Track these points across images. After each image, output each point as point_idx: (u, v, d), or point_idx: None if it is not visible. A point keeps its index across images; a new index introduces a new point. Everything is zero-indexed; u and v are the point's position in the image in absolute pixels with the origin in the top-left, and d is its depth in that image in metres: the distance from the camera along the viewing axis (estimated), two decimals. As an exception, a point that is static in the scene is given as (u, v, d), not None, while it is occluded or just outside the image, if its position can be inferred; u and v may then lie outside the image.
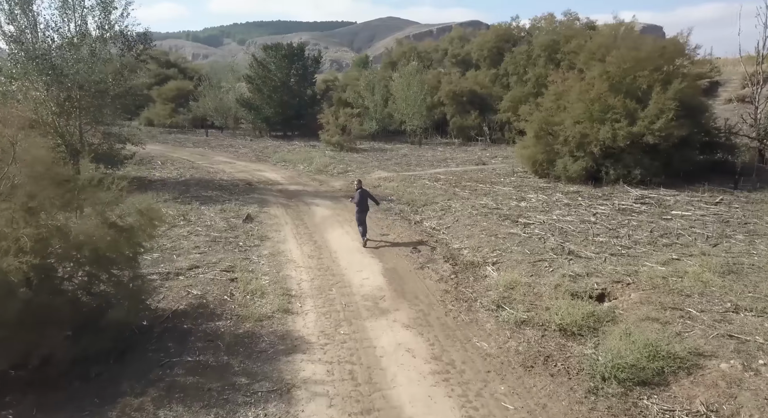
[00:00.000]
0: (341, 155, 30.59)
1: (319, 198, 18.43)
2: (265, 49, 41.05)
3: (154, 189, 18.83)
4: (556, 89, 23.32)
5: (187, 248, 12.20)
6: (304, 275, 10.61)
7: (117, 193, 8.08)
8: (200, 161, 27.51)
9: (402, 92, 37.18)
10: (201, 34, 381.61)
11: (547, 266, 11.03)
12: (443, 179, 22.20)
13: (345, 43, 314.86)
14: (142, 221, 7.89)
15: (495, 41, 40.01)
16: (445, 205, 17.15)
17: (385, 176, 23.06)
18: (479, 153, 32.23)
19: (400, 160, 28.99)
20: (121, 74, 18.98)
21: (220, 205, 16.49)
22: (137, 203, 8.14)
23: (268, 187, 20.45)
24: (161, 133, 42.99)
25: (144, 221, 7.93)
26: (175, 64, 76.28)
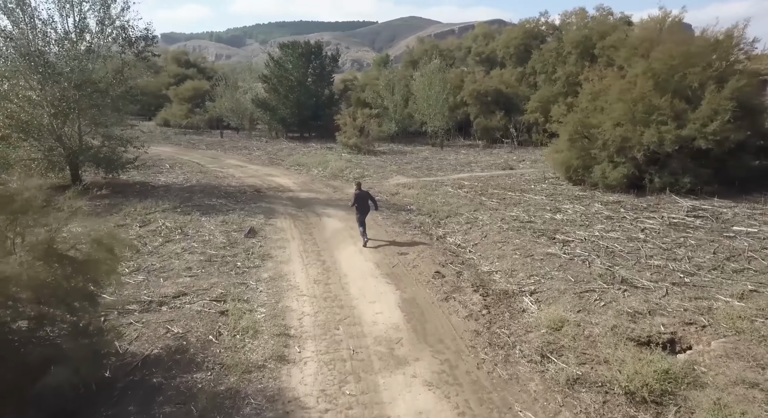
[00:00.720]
0: (358, 158, 28.98)
1: (332, 208, 16.83)
2: (282, 48, 39.70)
3: (154, 196, 17.48)
4: (592, 88, 21.31)
5: (177, 268, 10.69)
6: (308, 306, 8.99)
7: (68, 216, 6.51)
8: (210, 165, 26.20)
9: (423, 92, 35.43)
10: (224, 34, 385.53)
11: (596, 298, 9.20)
12: (468, 186, 20.41)
13: (366, 43, 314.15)
14: (98, 253, 6.33)
15: (522, 38, 37.98)
16: (470, 217, 15.38)
17: (405, 182, 21.36)
18: (505, 156, 30.30)
19: (421, 164, 27.25)
20: (121, 73, 17.69)
21: (223, 216, 15.01)
22: (94, 230, 6.57)
23: (278, 195, 18.93)
24: (175, 134, 42.02)
25: (101, 253, 6.37)
26: (195, 64, 75.92)
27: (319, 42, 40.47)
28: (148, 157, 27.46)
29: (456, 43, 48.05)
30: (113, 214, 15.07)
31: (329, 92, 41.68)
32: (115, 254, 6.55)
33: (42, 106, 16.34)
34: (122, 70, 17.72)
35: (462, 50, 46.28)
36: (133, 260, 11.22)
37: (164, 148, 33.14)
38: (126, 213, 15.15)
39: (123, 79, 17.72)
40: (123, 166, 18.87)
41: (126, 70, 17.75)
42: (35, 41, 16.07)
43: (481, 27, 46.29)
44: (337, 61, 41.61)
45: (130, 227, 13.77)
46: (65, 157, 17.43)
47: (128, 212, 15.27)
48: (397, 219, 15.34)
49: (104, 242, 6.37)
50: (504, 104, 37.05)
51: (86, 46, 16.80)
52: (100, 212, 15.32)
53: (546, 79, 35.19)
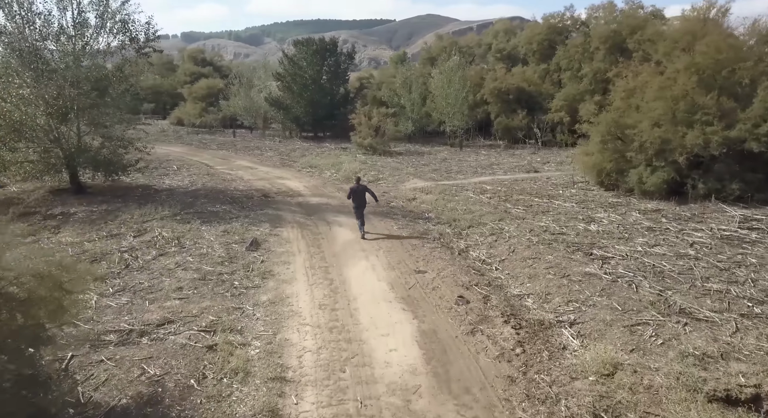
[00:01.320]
0: (373, 160, 27.67)
1: (344, 215, 15.54)
2: (296, 45, 38.55)
3: (155, 202, 16.38)
4: (626, 85, 19.67)
5: (167, 289, 9.50)
6: (310, 339, 7.70)
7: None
8: (219, 166, 25.14)
9: (442, 90, 33.96)
10: (243, 33, 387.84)
11: (652, 333, 7.74)
12: (490, 191, 18.95)
13: (384, 42, 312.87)
14: (42, 290, 5.08)
15: (546, 34, 36.24)
16: (495, 227, 13.95)
17: (422, 186, 19.98)
18: (528, 158, 28.71)
19: (439, 165, 25.83)
20: (121, 70, 16.64)
21: (225, 225, 13.83)
22: (39, 261, 5.31)
23: (287, 200, 17.72)
24: (188, 134, 41.21)
25: (46, 290, 5.12)
26: (211, 63, 75.44)
27: (334, 38, 39.22)
28: (156, 158, 26.56)
29: (476, 40, 46.40)
30: (108, 221, 13.99)
31: (344, 91, 40.44)
32: (66, 290, 5.30)
33: (37, 105, 15.35)
34: (122, 67, 16.66)
35: (482, 47, 44.62)
36: (119, 278, 10.07)
37: (174, 148, 32.26)
38: (122, 221, 14.06)
39: (123, 76, 16.66)
40: (124, 168, 17.83)
41: (127, 67, 16.68)
42: (30, 36, 15.07)
43: (501, 23, 44.60)
44: (353, 59, 40.36)
45: (123, 238, 12.66)
46: (62, 159, 16.43)
47: (124, 219, 14.18)
48: (414, 229, 13.99)
49: (51, 276, 5.12)
50: (526, 103, 35.40)
51: (83, 42, 15.73)
52: (95, 219, 14.26)
53: (571, 77, 33.42)
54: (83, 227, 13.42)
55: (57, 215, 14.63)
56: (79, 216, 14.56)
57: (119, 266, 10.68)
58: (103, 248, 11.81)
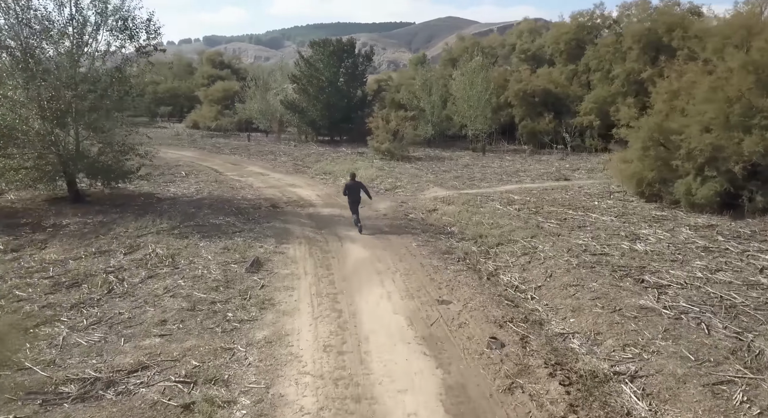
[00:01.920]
0: (391, 166, 26.24)
1: (356, 229, 14.13)
2: (313, 46, 37.38)
3: (155, 212, 15.20)
4: (669, 86, 17.89)
5: (149, 321, 8.18)
6: (309, 396, 6.26)
7: None
8: (230, 172, 23.98)
9: (463, 92, 32.39)
10: (263, 37, 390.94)
11: (742, 397, 6.12)
12: (518, 201, 17.35)
13: (403, 44, 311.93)
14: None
15: (574, 33, 34.38)
16: (527, 245, 12.37)
17: (443, 196, 18.45)
18: (557, 164, 26.96)
19: (461, 172, 24.26)
20: (120, 71, 15.51)
21: (226, 241, 12.52)
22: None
23: (297, 211, 16.37)
24: (202, 137, 40.36)
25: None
26: (229, 65, 75.03)
27: (351, 39, 37.95)
28: (165, 163, 25.60)
29: (499, 40, 44.67)
30: (100, 235, 12.79)
31: (362, 93, 39.12)
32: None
33: (30, 108, 14.28)
34: (122, 68, 15.54)
35: (505, 48, 42.88)
36: (98, 306, 8.79)
37: (186, 152, 31.31)
38: (115, 234, 12.85)
39: (123, 77, 15.52)
40: (124, 176, 16.68)
41: (127, 68, 15.56)
42: (22, 34, 14.01)
43: (526, 23, 42.78)
44: (370, 60, 39.03)
45: (113, 255, 11.42)
46: (59, 166, 15.35)
47: (118, 233, 12.98)
48: (436, 247, 12.48)
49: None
50: (553, 105, 33.60)
51: (82, 41, 14.64)
52: (87, 232, 13.08)
53: (602, 78, 31.55)
54: (72, 242, 12.24)
55: (48, 227, 13.51)
56: (70, 229, 13.41)
57: (101, 291, 9.41)
58: (88, 267, 10.57)
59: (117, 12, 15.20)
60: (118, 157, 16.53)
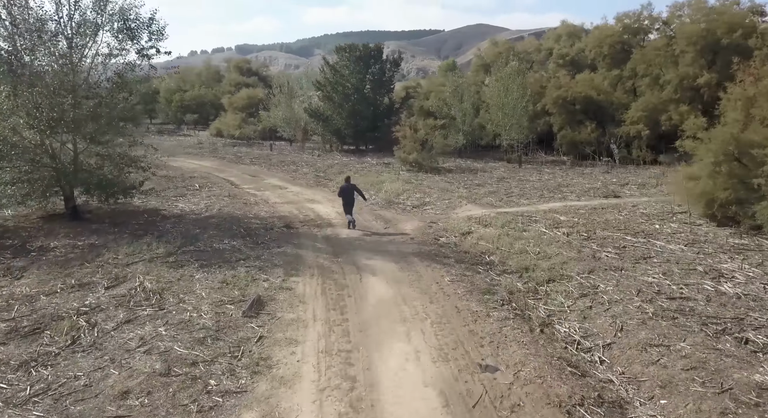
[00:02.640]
0: (419, 178, 24.27)
1: (380, 255, 12.22)
2: (338, 51, 35.81)
3: (156, 233, 13.60)
4: (744, 92, 15.44)
5: (107, 392, 6.38)
6: None
7: None
8: (246, 185, 22.40)
9: (498, 99, 30.20)
10: (294, 45, 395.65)
11: None
12: (566, 223, 15.13)
13: (432, 52, 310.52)
14: None
15: (619, 35, 31.84)
16: (585, 282, 10.21)
17: (478, 215, 16.35)
18: (602, 178, 24.50)
19: (497, 186, 22.09)
20: (120, 76, 14.03)
21: (227, 272, 10.74)
22: None
23: (313, 232, 14.53)
24: (224, 146, 39.19)
25: None
26: (256, 73, 74.58)
27: (379, 45, 36.25)
28: (180, 175, 24.25)
29: (534, 45, 42.29)
30: (86, 263, 11.19)
31: (389, 101, 37.33)
32: None
33: (19, 116, 12.89)
34: (122, 73, 14.06)
35: (541, 52, 40.50)
36: (53, 364, 7.05)
37: (205, 162, 30.02)
38: (103, 261, 11.24)
39: (124, 83, 14.04)
40: (125, 191, 15.15)
41: (128, 73, 14.07)
42: (11, 35, 12.65)
43: (565, 26, 40.34)
44: (398, 66, 37.23)
45: (93, 289, 9.76)
46: (52, 181, 13.91)
47: (106, 259, 11.36)
48: (473, 283, 10.41)
49: None
50: (594, 113, 31.12)
51: (75, 43, 13.22)
52: (73, 258, 11.50)
53: (651, 84, 28.94)
54: (52, 271, 10.65)
55: (32, 251, 12.01)
56: (56, 253, 11.87)
57: (64, 340, 7.70)
58: (59, 306, 8.91)
59: (117, 11, 13.73)
60: (120, 170, 15.02)
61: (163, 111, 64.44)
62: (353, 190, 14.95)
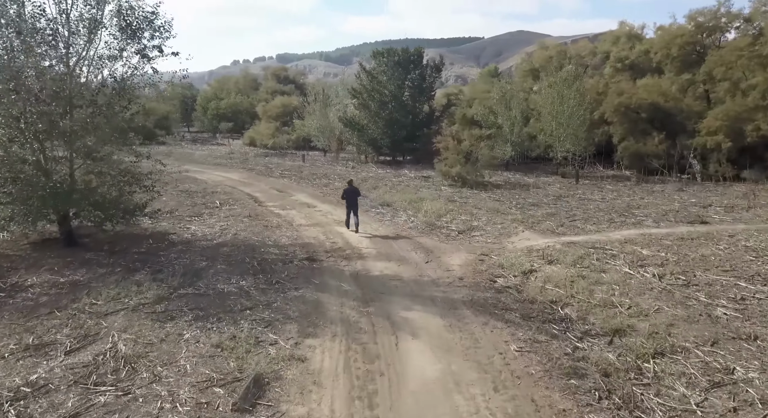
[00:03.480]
0: (463, 195, 21.56)
1: (422, 304, 9.65)
2: (375, 56, 33.56)
3: (155, 266, 11.46)
4: None
5: None
6: None
7: None
8: (271, 202, 20.23)
9: (551, 106, 27.21)
10: (333, 54, 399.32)
11: None
12: (651, 260, 12.17)
13: (471, 59, 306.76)
14: None
15: (691, 35, 28.28)
16: (711, 361, 7.32)
17: (540, 246, 13.52)
18: (677, 197, 21.16)
19: (555, 207, 19.14)
20: (117, 81, 12.01)
21: (227, 328, 8.38)
22: None
23: (340, 267, 12.07)
24: (256, 156, 37.49)
25: None
26: (293, 81, 73.54)
27: (419, 49, 33.78)
28: (202, 189, 22.40)
29: (588, 48, 38.90)
30: (59, 308, 9.06)
31: (429, 108, 34.77)
32: None
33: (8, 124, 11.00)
34: (125, 78, 12.02)
35: (597, 56, 37.15)
36: None
37: (233, 174, 28.18)
38: (78, 308, 9.08)
39: (123, 90, 12.01)
40: (125, 214, 13.08)
41: (127, 79, 12.02)
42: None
43: (624, 27, 36.85)
44: (440, 71, 34.66)
45: (51, 353, 7.54)
46: (38, 202, 11.95)
47: (84, 305, 9.21)
48: (549, 355, 7.65)
49: None
50: (661, 122, 27.66)
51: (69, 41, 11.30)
52: (44, 303, 9.39)
53: (731, 89, 25.32)
54: (12, 322, 8.54)
55: (1, 290, 10.00)
56: (28, 294, 9.82)
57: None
58: (-4, 381, 6.72)
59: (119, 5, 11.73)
60: (120, 189, 12.99)
61: (199, 119, 63.98)
62: (356, 193, 15.68)
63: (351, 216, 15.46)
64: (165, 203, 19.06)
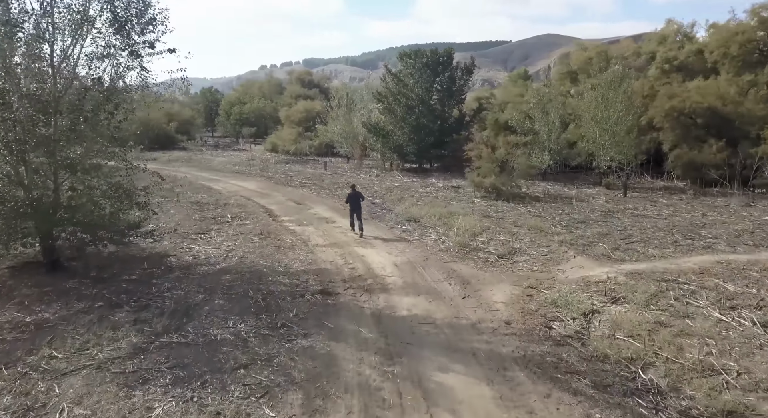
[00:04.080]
0: (499, 210, 19.38)
1: (461, 361, 7.65)
2: (402, 58, 31.59)
3: (142, 300, 9.72)
4: None
5: None
6: None
7: None
8: (287, 215, 18.42)
9: (595, 111, 24.78)
10: (359, 58, 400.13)
11: None
12: (742, 298, 9.92)
13: (498, 63, 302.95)
14: None
15: (754, 32, 25.47)
16: None
17: (599, 278, 11.29)
18: (746, 214, 18.55)
19: (605, 225, 16.81)
20: (98, 81, 10.32)
21: (207, 401, 6.48)
22: None
23: (359, 303, 10.10)
24: (275, 164, 35.90)
25: None
26: (318, 85, 72.31)
27: (449, 50, 31.67)
28: (215, 200, 20.83)
29: (632, 48, 36.16)
30: (7, 364, 7.32)
31: (459, 113, 32.63)
32: None
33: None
34: (113, 80, 10.33)
35: (641, 57, 34.37)
36: None
37: (250, 183, 26.56)
38: (33, 363, 7.32)
39: (112, 93, 10.32)
40: (117, 236, 11.36)
41: (116, 80, 10.35)
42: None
43: (671, 25, 34.06)
44: (471, 74, 32.48)
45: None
46: (20, 220, 10.37)
47: (40, 359, 7.45)
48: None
49: None
50: (719, 129, 24.86)
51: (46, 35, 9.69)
52: (6, 348, 7.69)
53: (804, 91, 22.45)
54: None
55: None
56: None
57: None
58: None
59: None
60: (113, 206, 11.30)
61: (222, 124, 63.13)
62: (359, 197, 15.88)
63: (355, 219, 15.58)
64: (171, 217, 17.50)
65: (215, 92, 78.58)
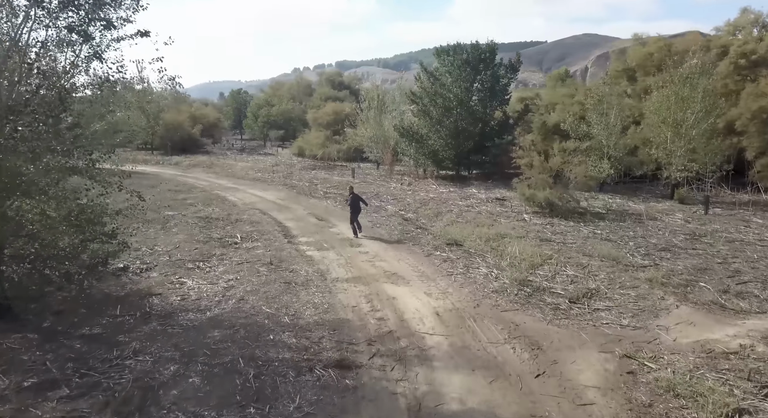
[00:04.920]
0: (557, 229, 16.18)
1: None
2: (439, 54, 28.50)
3: (96, 369, 7.10)
4: None
5: None
6: None
7: None
8: (305, 236, 15.69)
9: (666, 113, 21.21)
10: (391, 60, 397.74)
11: None
12: None
13: (533, 64, 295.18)
14: None
15: None
16: None
17: (726, 345, 8.03)
18: None
19: (698, 254, 13.43)
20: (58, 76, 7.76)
21: None
22: None
23: (388, 383, 7.19)
24: (301, 170, 33.37)
25: None
26: (348, 86, 69.93)
27: (492, 45, 28.41)
28: (227, 215, 18.30)
29: (700, 42, 32.06)
30: None
31: (503, 115, 29.37)
32: None
33: None
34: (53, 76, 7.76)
35: (712, 52, 30.27)
36: None
37: (270, 193, 24.01)
38: None
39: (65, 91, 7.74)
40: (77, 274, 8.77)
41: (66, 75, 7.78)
42: None
43: (747, 15, 29.93)
44: (516, 72, 29.18)
45: None
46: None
47: None
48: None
49: None
50: (816, 133, 20.93)
51: None
52: None
53: None
54: None
55: None
56: None
57: None
58: None
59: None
60: (76, 237, 8.73)
61: (249, 127, 61.38)
62: (359, 200, 15.83)
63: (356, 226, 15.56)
64: (172, 237, 15.01)
65: (245, 94, 77.25)
